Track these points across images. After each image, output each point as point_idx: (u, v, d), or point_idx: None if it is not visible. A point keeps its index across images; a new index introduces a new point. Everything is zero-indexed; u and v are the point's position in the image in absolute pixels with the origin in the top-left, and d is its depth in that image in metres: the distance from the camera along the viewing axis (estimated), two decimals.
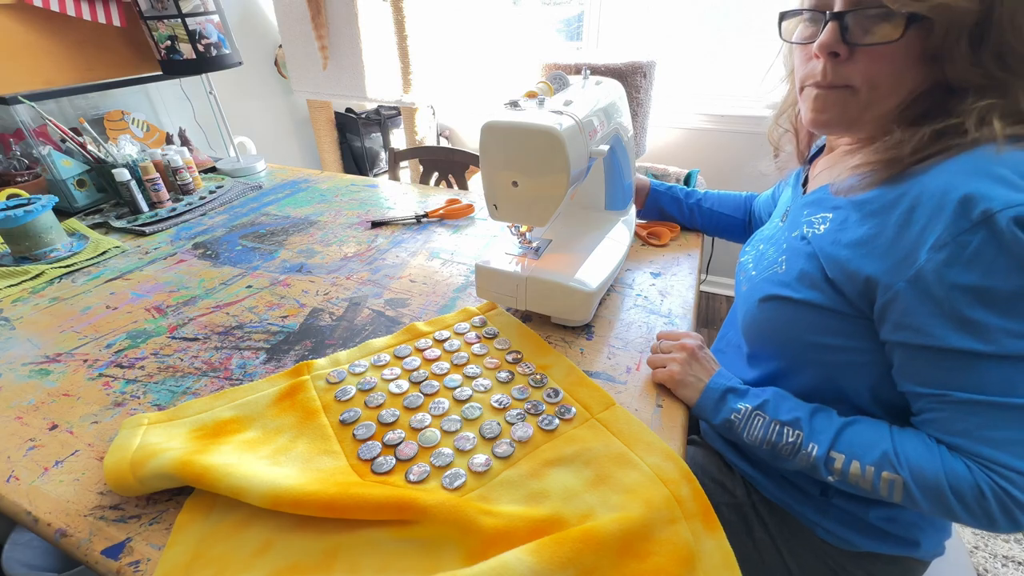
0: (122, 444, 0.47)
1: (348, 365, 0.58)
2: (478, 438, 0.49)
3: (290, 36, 1.71)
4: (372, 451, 0.48)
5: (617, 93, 0.71)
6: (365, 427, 0.50)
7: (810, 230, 0.51)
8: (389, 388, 0.55)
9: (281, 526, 0.42)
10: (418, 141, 1.84)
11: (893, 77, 0.44)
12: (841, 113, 0.48)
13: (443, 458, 0.46)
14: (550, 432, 0.49)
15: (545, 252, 0.67)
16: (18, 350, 0.63)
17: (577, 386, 0.55)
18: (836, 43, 0.44)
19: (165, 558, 0.40)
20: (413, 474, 0.45)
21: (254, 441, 0.48)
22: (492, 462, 0.46)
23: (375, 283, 0.76)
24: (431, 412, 0.52)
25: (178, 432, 0.49)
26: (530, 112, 0.55)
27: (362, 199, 1.08)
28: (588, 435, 0.49)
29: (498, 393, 0.54)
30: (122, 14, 1.21)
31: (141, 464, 0.44)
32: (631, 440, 0.48)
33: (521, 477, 0.45)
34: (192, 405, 0.52)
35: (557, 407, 0.52)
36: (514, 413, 0.51)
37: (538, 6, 1.99)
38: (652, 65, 1.53)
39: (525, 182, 0.56)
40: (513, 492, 0.44)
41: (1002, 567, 1.13)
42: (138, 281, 0.78)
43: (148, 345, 0.63)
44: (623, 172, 0.75)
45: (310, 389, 0.55)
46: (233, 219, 0.99)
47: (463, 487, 0.44)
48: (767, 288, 0.54)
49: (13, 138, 1.16)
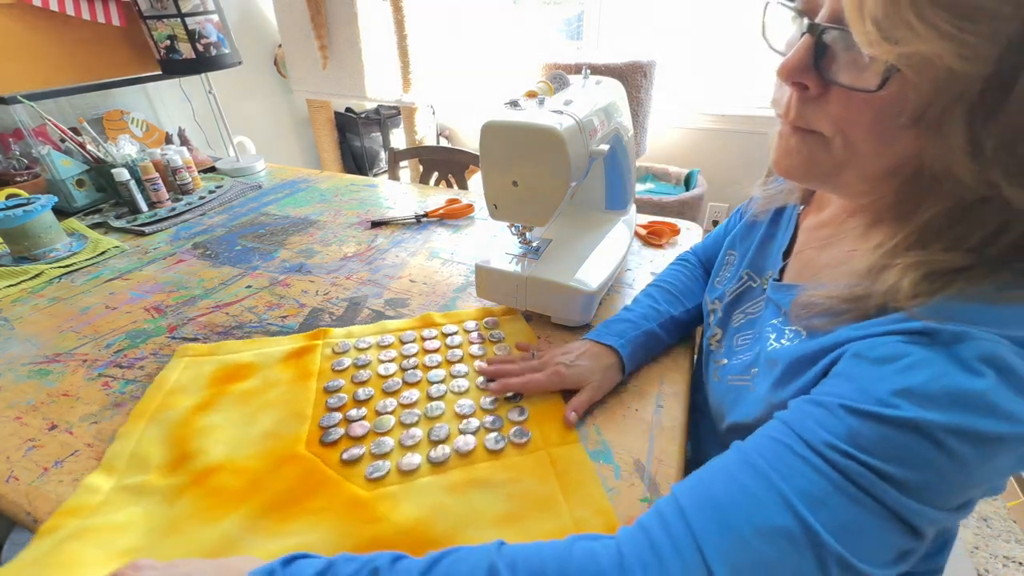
0: (164, 377, 0.56)
1: (356, 340, 0.62)
2: (423, 438, 0.49)
3: (290, 35, 1.70)
4: (331, 421, 0.51)
5: (617, 93, 0.71)
6: (338, 398, 0.53)
7: (778, 343, 0.41)
8: (378, 369, 0.57)
9: (152, 530, 0.41)
10: (418, 141, 1.84)
11: (873, 137, 0.33)
12: (808, 164, 0.37)
13: (382, 447, 0.48)
14: (493, 452, 0.48)
15: (545, 252, 0.67)
16: (17, 350, 0.63)
17: (547, 413, 0.52)
18: (805, 70, 0.33)
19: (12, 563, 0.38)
20: (347, 454, 0.47)
21: (249, 392, 0.55)
22: (422, 465, 0.46)
23: (375, 283, 0.76)
24: (400, 400, 0.53)
25: (207, 370, 0.57)
26: (530, 112, 0.54)
27: (362, 199, 1.08)
28: (528, 467, 0.46)
29: (468, 399, 0.53)
30: (121, 14, 1.21)
31: (165, 408, 0.52)
32: (570, 485, 0.44)
33: (440, 487, 0.44)
34: (228, 345, 0.62)
35: (514, 427, 0.50)
36: (471, 423, 0.50)
37: (538, 5, 1.98)
38: (652, 65, 1.53)
39: (525, 182, 0.56)
40: (423, 498, 0.43)
41: (1002, 567, 1.13)
42: (137, 281, 0.78)
43: (148, 345, 0.63)
44: (623, 172, 0.75)
45: (316, 353, 0.60)
46: (232, 219, 0.99)
47: (381, 480, 0.45)
48: (734, 414, 0.45)
49: (12, 138, 1.16)
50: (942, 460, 0.27)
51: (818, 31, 0.32)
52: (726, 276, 0.59)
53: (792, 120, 0.36)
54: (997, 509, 1.25)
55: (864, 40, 0.28)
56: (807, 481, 0.29)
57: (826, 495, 0.29)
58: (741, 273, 0.54)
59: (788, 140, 0.38)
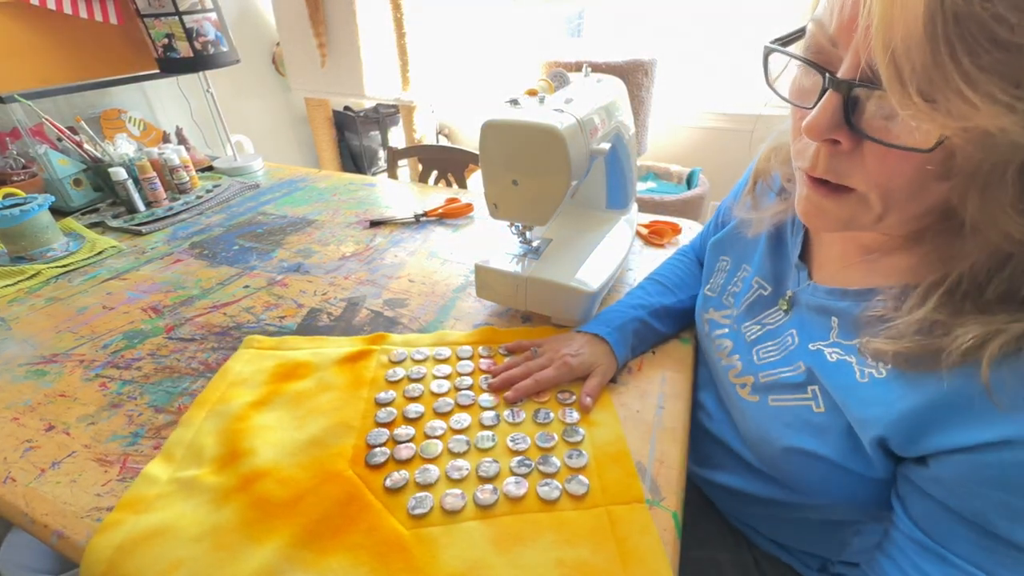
0: (229, 367, 0.58)
1: (413, 350, 0.60)
2: (472, 472, 0.45)
3: (288, 34, 1.70)
4: (378, 439, 0.49)
5: (618, 91, 0.71)
6: (388, 413, 0.52)
7: (862, 368, 0.37)
8: (431, 386, 0.55)
9: (200, 538, 0.41)
10: (417, 139, 1.84)
11: (913, 189, 0.31)
12: (846, 222, 0.36)
13: (427, 476, 0.45)
14: (547, 503, 0.43)
15: (545, 252, 0.67)
16: (14, 350, 0.62)
17: (610, 460, 0.46)
18: (836, 127, 0.30)
19: (86, 555, 0.39)
20: (390, 480, 0.44)
21: (304, 394, 0.54)
22: (467, 506, 0.42)
23: (373, 283, 0.76)
24: (451, 424, 0.50)
25: (268, 365, 0.58)
26: (530, 110, 0.54)
27: (360, 198, 1.07)
28: (585, 526, 0.41)
29: (522, 432, 0.49)
30: (119, 12, 1.20)
31: (225, 400, 0.53)
32: (632, 558, 0.39)
33: (485, 538, 0.40)
34: (289, 340, 0.62)
35: (571, 475, 0.45)
36: (524, 462, 0.46)
37: (539, 3, 1.98)
38: (653, 63, 1.52)
39: (525, 181, 0.56)
40: (467, 550, 0.39)
41: None
42: (135, 281, 0.77)
43: (145, 346, 0.63)
44: (624, 171, 0.74)
45: (372, 360, 0.58)
46: (230, 218, 0.99)
47: (423, 518, 0.42)
48: (796, 438, 0.41)
49: (9, 137, 1.15)
50: None
51: (845, 89, 0.29)
52: (719, 283, 0.58)
53: (820, 174, 0.34)
54: None
55: (910, 112, 0.26)
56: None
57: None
58: (751, 282, 0.53)
59: (819, 200, 0.35)
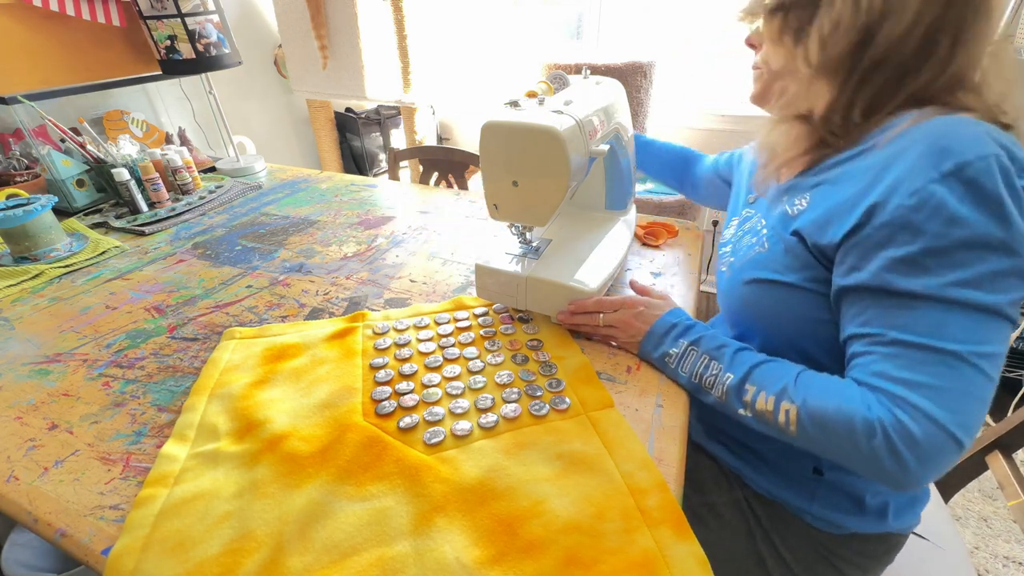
0: (216, 357, 0.59)
1: (394, 321, 0.65)
2: (471, 407, 0.52)
3: (290, 36, 1.70)
4: (382, 394, 0.54)
5: (617, 93, 0.71)
6: (385, 373, 0.57)
7: (791, 209, 0.52)
8: (419, 348, 0.61)
9: (240, 493, 0.44)
10: (418, 141, 1.84)
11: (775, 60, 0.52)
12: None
13: (434, 415, 0.51)
14: (538, 417, 0.51)
15: (545, 252, 0.67)
16: (18, 350, 0.63)
17: (581, 382, 0.56)
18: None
19: (125, 534, 0.40)
20: (402, 423, 0.50)
21: (301, 369, 0.58)
22: (474, 430, 0.50)
23: (375, 283, 0.76)
24: (444, 374, 0.56)
25: (256, 351, 0.60)
26: (530, 112, 0.55)
27: (362, 199, 1.08)
28: (572, 430, 0.50)
29: (507, 370, 0.57)
30: (121, 14, 1.21)
31: (222, 385, 0.55)
32: (613, 444, 0.48)
33: (494, 449, 0.48)
34: (272, 328, 0.65)
35: (554, 396, 0.54)
36: (513, 392, 0.54)
37: (538, 5, 1.98)
38: (652, 65, 1.53)
39: (525, 182, 0.56)
40: (481, 459, 0.47)
41: (1002, 567, 1.13)
42: (138, 281, 0.78)
43: (148, 345, 0.63)
44: (623, 172, 0.75)
45: (358, 334, 0.63)
46: (232, 219, 0.99)
47: (440, 445, 0.48)
48: (750, 271, 0.55)
49: (12, 138, 1.16)
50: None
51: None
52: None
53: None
54: (997, 509, 1.25)
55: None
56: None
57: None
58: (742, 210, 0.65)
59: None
